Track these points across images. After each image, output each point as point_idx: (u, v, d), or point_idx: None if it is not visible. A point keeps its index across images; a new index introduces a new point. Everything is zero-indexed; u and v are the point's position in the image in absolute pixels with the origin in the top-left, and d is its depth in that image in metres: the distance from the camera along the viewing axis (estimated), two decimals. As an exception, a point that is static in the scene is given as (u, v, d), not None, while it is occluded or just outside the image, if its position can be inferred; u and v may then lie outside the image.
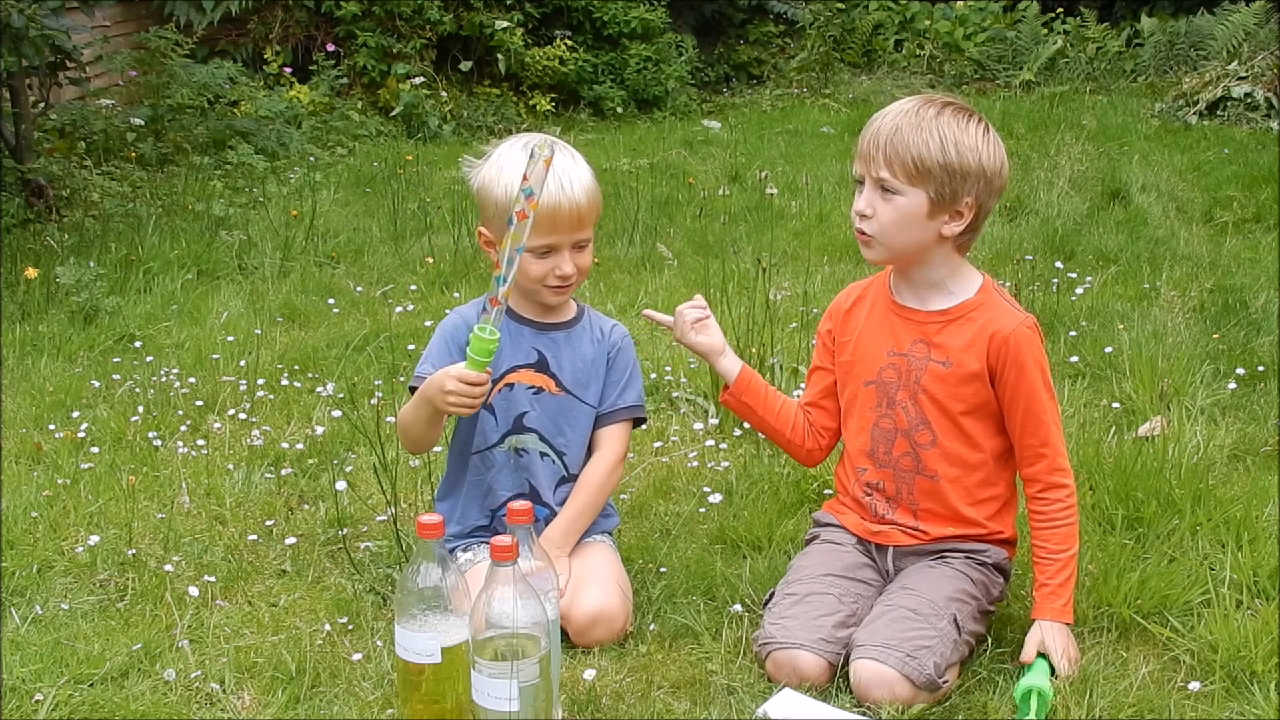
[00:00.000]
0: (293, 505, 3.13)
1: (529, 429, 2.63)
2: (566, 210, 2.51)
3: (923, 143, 2.33)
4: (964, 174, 2.35)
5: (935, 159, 2.33)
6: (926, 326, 2.45)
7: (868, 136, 2.38)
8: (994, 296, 2.45)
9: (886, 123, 2.36)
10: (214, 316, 4.55)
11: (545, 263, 2.54)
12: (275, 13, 8.54)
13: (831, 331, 2.59)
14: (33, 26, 5.29)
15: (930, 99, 2.39)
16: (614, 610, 2.50)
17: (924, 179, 2.34)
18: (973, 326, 2.42)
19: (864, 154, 2.38)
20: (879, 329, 2.51)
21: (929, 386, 2.44)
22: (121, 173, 6.39)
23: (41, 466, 3.34)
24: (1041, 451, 2.42)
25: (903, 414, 2.47)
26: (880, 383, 2.49)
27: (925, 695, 2.25)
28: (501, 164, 2.55)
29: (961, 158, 2.34)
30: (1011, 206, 5.91)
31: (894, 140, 2.34)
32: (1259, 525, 2.85)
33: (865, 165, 2.38)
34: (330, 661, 2.44)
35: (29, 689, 2.35)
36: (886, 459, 2.49)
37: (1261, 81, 8.07)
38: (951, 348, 2.42)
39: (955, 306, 2.44)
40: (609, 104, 8.94)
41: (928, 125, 2.34)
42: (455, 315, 2.67)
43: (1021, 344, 2.39)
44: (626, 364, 2.70)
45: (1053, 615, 2.38)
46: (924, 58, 10.26)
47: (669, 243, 5.44)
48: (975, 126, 2.38)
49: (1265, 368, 3.80)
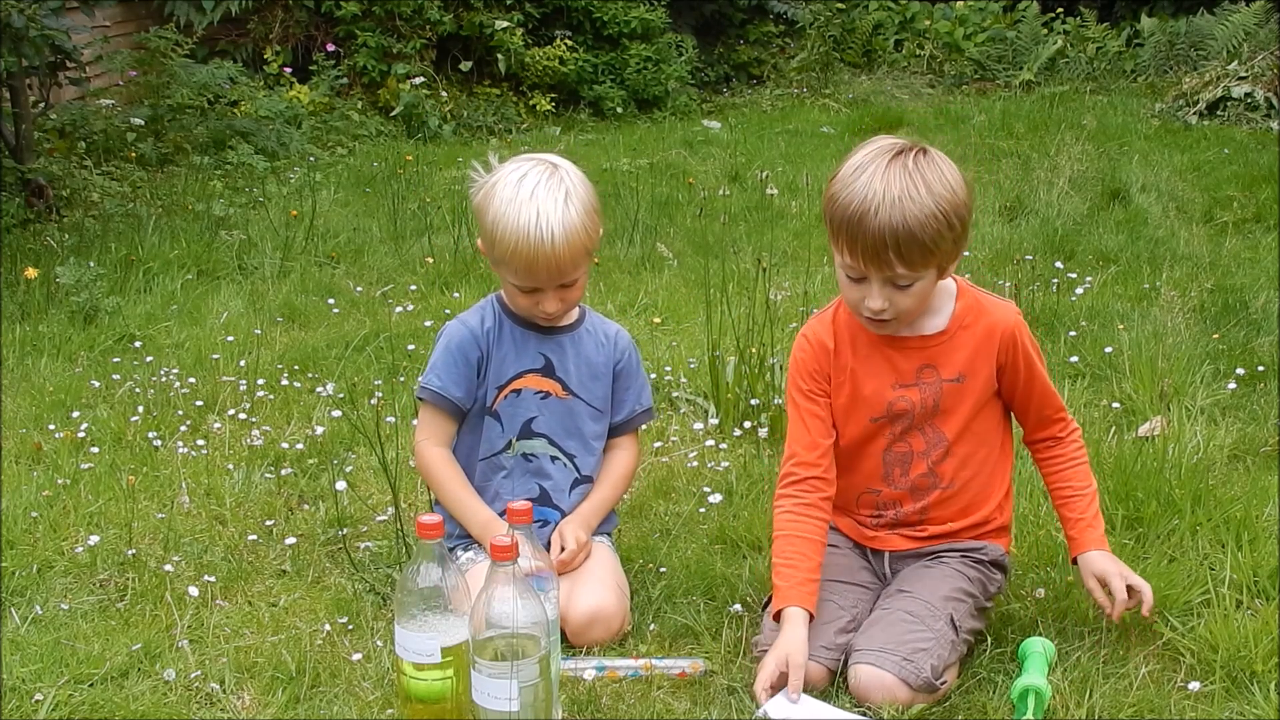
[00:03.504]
0: (293, 505, 3.13)
1: (538, 434, 2.62)
2: (543, 263, 2.47)
3: (926, 228, 2.21)
4: (964, 229, 2.29)
5: (944, 235, 2.24)
6: (929, 351, 2.42)
7: (868, 236, 2.21)
8: (973, 295, 2.44)
9: (883, 218, 2.19)
10: (214, 316, 4.55)
11: (530, 298, 2.54)
12: (275, 13, 8.55)
13: (823, 370, 2.45)
14: (33, 26, 5.29)
15: (891, 161, 2.23)
16: (611, 610, 2.50)
17: (935, 258, 2.27)
18: (973, 333, 2.41)
19: (869, 255, 2.23)
20: (873, 365, 2.43)
21: (949, 407, 2.42)
22: (121, 173, 6.39)
23: (41, 466, 3.34)
24: (1058, 416, 2.50)
25: (920, 438, 2.45)
26: (891, 415, 2.44)
27: (924, 697, 2.25)
28: (495, 193, 2.50)
29: (959, 216, 2.26)
30: (1011, 206, 5.92)
31: (901, 236, 2.20)
32: (1259, 525, 2.85)
33: (873, 266, 2.24)
34: (330, 661, 2.44)
35: (29, 689, 2.35)
36: (903, 480, 2.48)
37: (1261, 81, 8.07)
38: (959, 362, 2.41)
39: (950, 323, 2.41)
40: (609, 104, 8.94)
41: (919, 202, 2.20)
42: (459, 325, 2.63)
43: (1022, 333, 2.43)
44: (635, 370, 2.72)
45: (1097, 544, 2.42)
46: (924, 58, 10.26)
47: (669, 243, 5.45)
48: (942, 169, 2.26)
49: (1265, 368, 3.80)
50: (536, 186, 2.47)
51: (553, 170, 2.50)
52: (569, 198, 2.48)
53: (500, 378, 2.60)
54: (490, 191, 2.51)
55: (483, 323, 2.61)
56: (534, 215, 2.44)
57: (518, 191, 2.47)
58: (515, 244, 2.45)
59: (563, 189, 2.48)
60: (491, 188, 2.51)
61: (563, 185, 2.48)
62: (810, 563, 2.39)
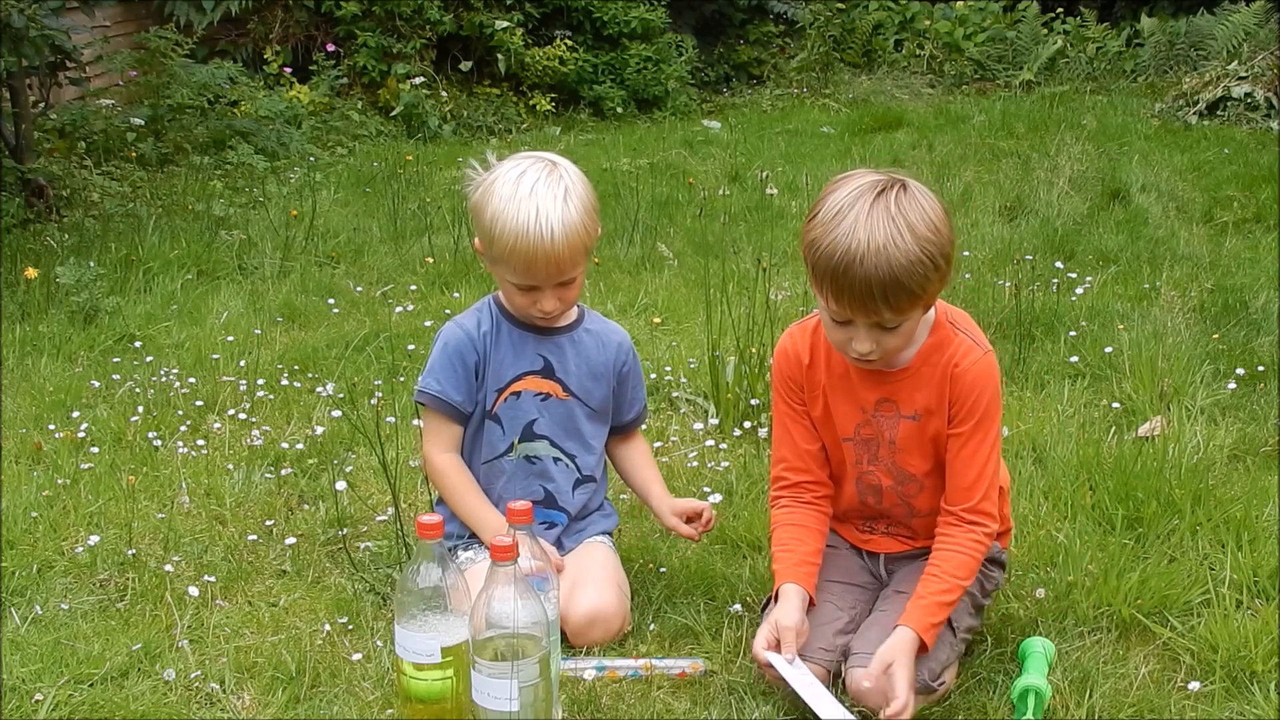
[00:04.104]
0: (293, 505, 3.13)
1: (539, 435, 2.62)
2: (543, 261, 2.45)
3: (913, 275, 2.12)
4: (948, 264, 2.20)
5: (931, 278, 2.16)
6: (889, 386, 2.34)
7: (855, 286, 2.13)
8: (949, 333, 2.33)
9: (869, 267, 2.11)
10: (214, 316, 4.55)
11: (527, 297, 2.53)
12: (275, 13, 8.55)
13: (796, 380, 2.42)
14: (33, 26, 5.29)
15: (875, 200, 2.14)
16: (611, 610, 2.50)
17: (923, 298, 2.19)
18: (936, 371, 2.32)
19: (856, 304, 2.15)
20: (841, 387, 2.38)
21: (904, 444, 2.37)
22: (121, 173, 6.39)
23: (41, 466, 3.34)
24: (967, 492, 2.31)
25: (885, 472, 2.41)
26: (858, 439, 2.41)
27: (922, 698, 2.25)
28: (494, 190, 2.49)
29: (942, 253, 2.16)
30: (1011, 206, 5.92)
31: (889, 286, 2.12)
32: (1259, 525, 2.85)
33: (860, 313, 2.18)
34: (330, 661, 2.44)
35: (29, 689, 2.35)
36: (878, 508, 2.47)
37: (1261, 81, 8.07)
38: (919, 400, 2.33)
39: (914, 359, 2.32)
40: (609, 104, 8.94)
41: (904, 246, 2.11)
42: (455, 328, 2.62)
43: (978, 381, 2.29)
44: (637, 374, 2.74)
45: (917, 625, 2.22)
46: (924, 58, 10.26)
47: (669, 243, 5.44)
48: (924, 205, 2.17)
49: (1265, 368, 3.80)
50: (536, 183, 2.46)
51: (551, 168, 2.49)
52: (568, 195, 2.47)
53: (499, 380, 2.60)
54: (489, 189, 2.50)
55: (479, 325, 2.59)
56: (533, 212, 2.43)
57: (517, 188, 2.45)
58: (514, 241, 2.44)
59: (562, 186, 2.47)
60: (490, 185, 2.50)
61: (562, 182, 2.47)
62: (807, 547, 2.38)
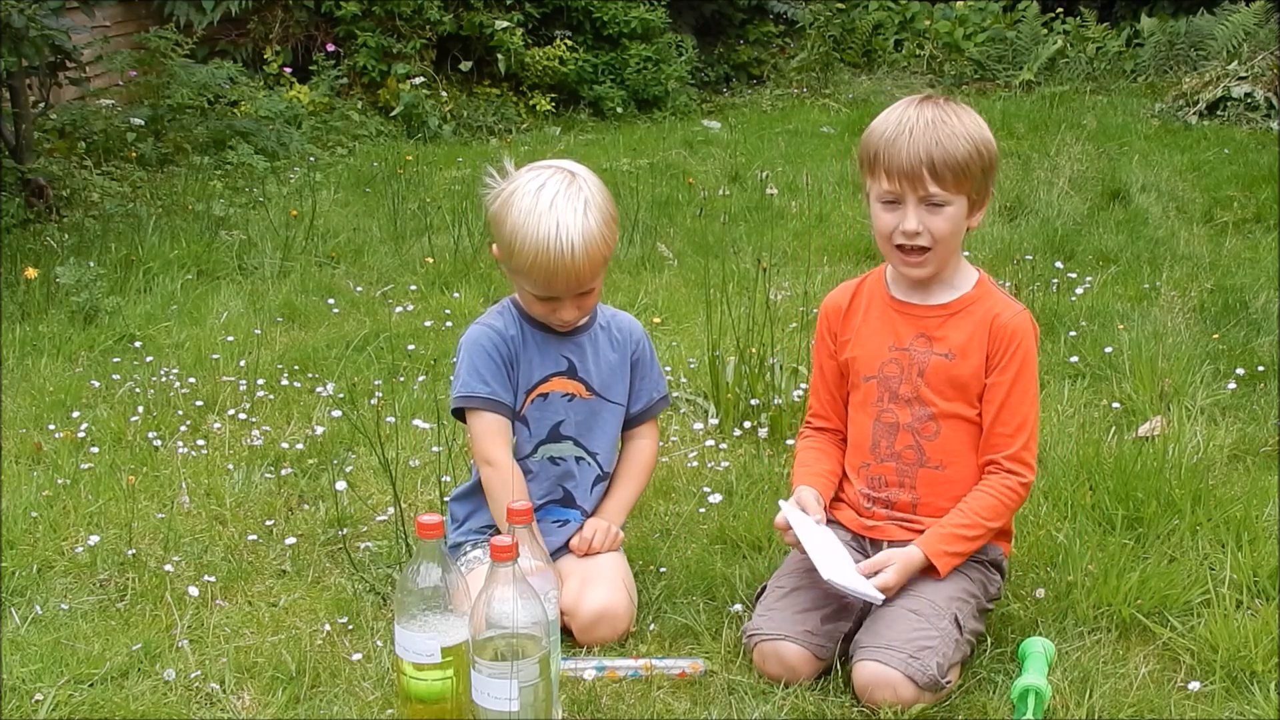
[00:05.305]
0: (293, 505, 3.13)
1: (565, 436, 2.62)
2: (563, 275, 2.45)
3: (958, 149, 2.34)
4: (992, 165, 2.40)
5: (974, 161, 2.36)
6: (927, 321, 2.47)
7: (903, 155, 2.34)
8: (992, 289, 2.50)
9: (917, 138, 2.34)
10: (214, 316, 4.55)
11: (546, 305, 2.53)
12: (275, 13, 8.54)
13: (832, 329, 2.58)
14: (33, 26, 5.29)
15: (923, 101, 2.40)
16: (618, 610, 2.50)
17: (967, 183, 2.37)
18: (973, 318, 2.45)
19: (905, 173, 2.34)
20: (879, 325, 2.51)
21: (932, 379, 2.45)
22: (121, 173, 6.39)
23: (41, 466, 3.34)
24: (1009, 439, 2.41)
25: (905, 408, 2.47)
26: (881, 378, 2.49)
27: (928, 696, 2.25)
28: (513, 202, 2.47)
29: (988, 150, 2.38)
30: (1011, 206, 5.92)
31: (935, 154, 2.33)
32: (1259, 525, 2.85)
33: (909, 185, 2.35)
34: (330, 661, 2.44)
35: (29, 689, 2.35)
36: (889, 453, 2.49)
37: (1261, 81, 8.07)
38: (954, 340, 2.44)
39: (956, 300, 2.47)
40: (609, 104, 8.94)
41: (951, 128, 2.35)
42: (486, 329, 2.58)
43: (1019, 331, 2.43)
44: (651, 359, 2.73)
45: (928, 547, 2.36)
46: (924, 58, 10.26)
47: (669, 243, 5.45)
48: (972, 115, 2.41)
49: (1265, 368, 3.80)
50: (556, 196, 2.44)
51: (571, 179, 2.47)
52: (588, 207, 2.45)
53: (528, 382, 2.59)
54: (508, 200, 2.47)
55: (506, 328, 2.58)
56: (554, 227, 2.42)
57: (536, 202, 2.44)
58: (535, 256, 2.43)
59: (581, 198, 2.45)
60: (509, 197, 2.48)
61: (581, 194, 2.46)
62: (824, 465, 2.56)
